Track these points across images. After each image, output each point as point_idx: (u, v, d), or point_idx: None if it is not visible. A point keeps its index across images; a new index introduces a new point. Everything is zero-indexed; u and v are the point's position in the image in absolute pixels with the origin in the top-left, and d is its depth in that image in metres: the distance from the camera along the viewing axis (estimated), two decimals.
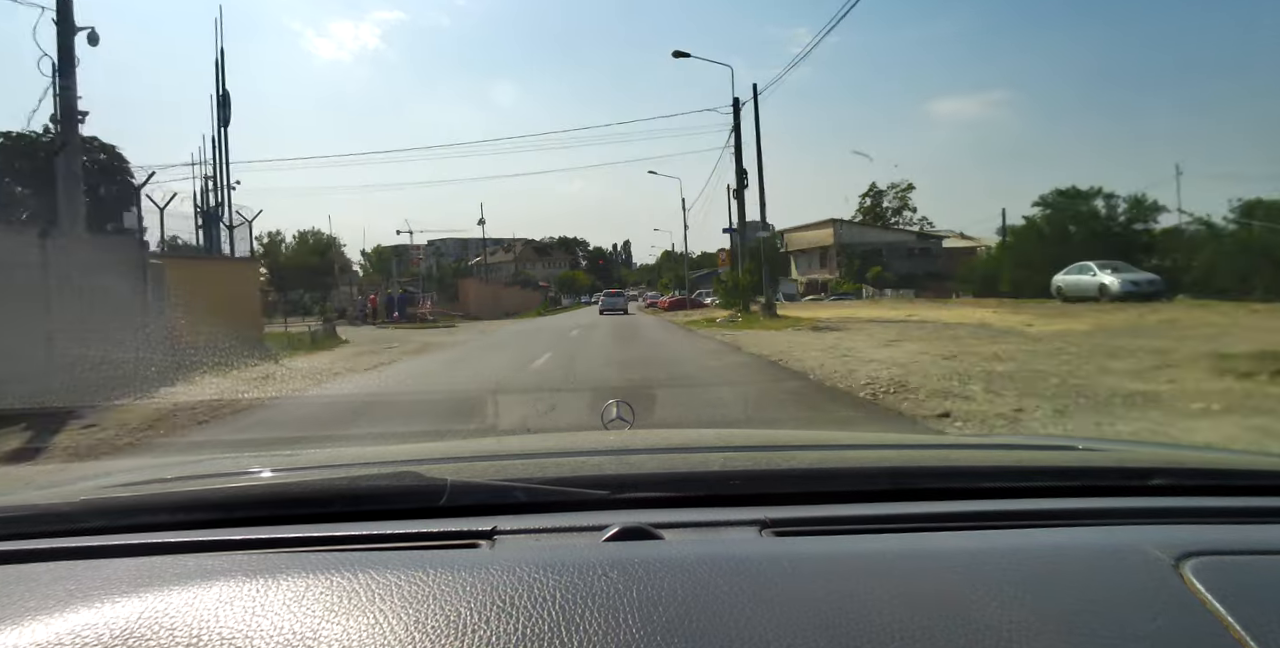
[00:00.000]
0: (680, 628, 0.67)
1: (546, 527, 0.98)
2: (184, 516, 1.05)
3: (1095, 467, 1.35)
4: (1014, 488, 1.16)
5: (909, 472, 1.31)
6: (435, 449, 1.94)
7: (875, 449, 1.67)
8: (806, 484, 1.19)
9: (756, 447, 1.65)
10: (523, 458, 1.53)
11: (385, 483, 1.13)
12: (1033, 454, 1.57)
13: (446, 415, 7.11)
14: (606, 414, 2.09)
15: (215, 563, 0.83)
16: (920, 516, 1.01)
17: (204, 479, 1.33)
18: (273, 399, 9.16)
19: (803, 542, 0.93)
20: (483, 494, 1.09)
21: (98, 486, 1.31)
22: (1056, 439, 2.88)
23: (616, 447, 1.56)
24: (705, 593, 0.72)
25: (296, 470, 1.47)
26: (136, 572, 0.82)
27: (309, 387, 10.68)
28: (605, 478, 1.18)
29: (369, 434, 6.38)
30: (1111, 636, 0.67)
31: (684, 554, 0.85)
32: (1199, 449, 1.86)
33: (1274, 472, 1.29)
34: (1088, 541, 0.92)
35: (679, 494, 1.13)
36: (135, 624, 0.69)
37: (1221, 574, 0.77)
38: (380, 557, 0.84)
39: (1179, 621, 0.70)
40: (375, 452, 1.89)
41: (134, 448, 6.41)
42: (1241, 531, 0.98)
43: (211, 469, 1.47)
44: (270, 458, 1.80)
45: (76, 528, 1.02)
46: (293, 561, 0.85)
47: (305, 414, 8.41)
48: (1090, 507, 1.06)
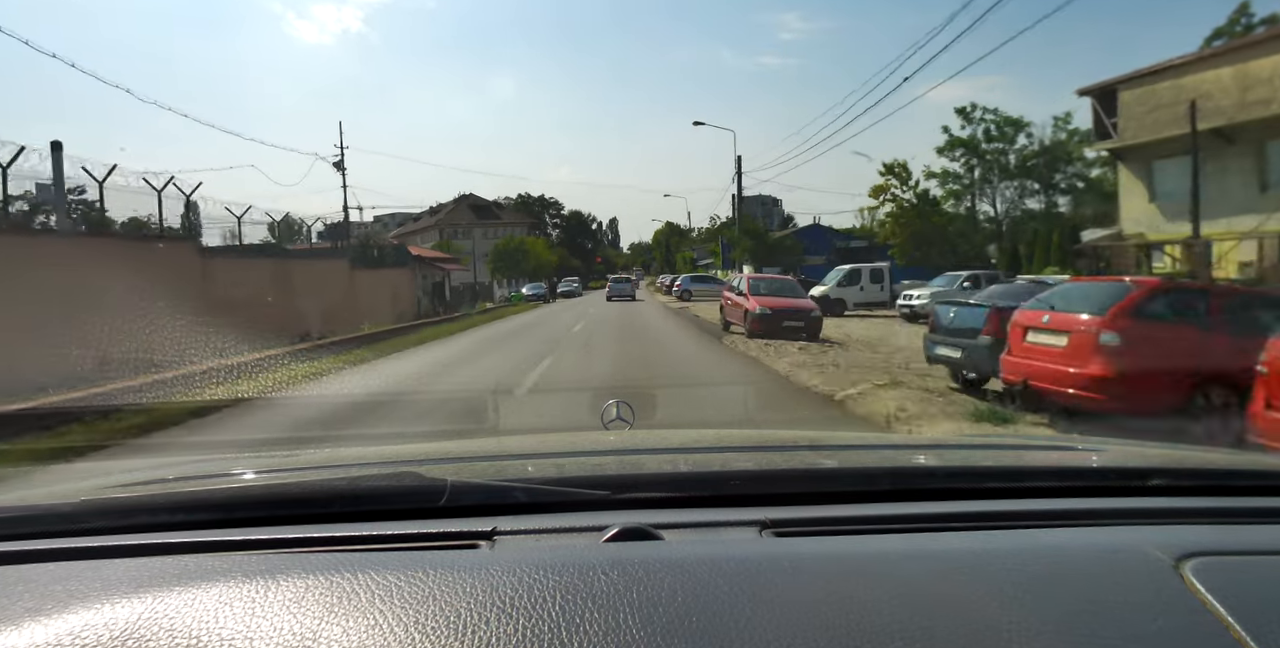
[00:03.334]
0: (680, 629, 0.67)
1: (546, 527, 0.98)
2: (184, 516, 1.05)
3: (1095, 467, 1.35)
4: (1014, 488, 1.16)
5: (909, 472, 1.31)
6: (435, 449, 1.94)
7: (875, 449, 1.67)
8: (806, 485, 1.19)
9: (756, 447, 1.65)
10: (523, 458, 1.53)
11: (385, 483, 1.13)
12: (1033, 455, 1.57)
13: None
14: (606, 414, 2.08)
15: (215, 564, 0.83)
16: (920, 516, 1.01)
17: (204, 480, 1.33)
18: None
19: (803, 542, 0.93)
20: (483, 494, 1.08)
21: (98, 486, 1.31)
22: (1057, 439, 2.89)
23: (616, 447, 1.56)
24: (705, 594, 0.72)
25: (296, 471, 1.47)
26: (136, 572, 0.81)
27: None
28: (605, 478, 1.18)
29: None
30: (1112, 636, 0.67)
31: (684, 555, 0.84)
32: (1199, 449, 1.86)
33: (1274, 472, 1.29)
34: (1088, 541, 0.92)
35: (679, 495, 1.13)
36: (135, 625, 0.69)
37: (1221, 575, 0.77)
38: (380, 557, 0.84)
39: (1179, 621, 0.70)
40: (375, 452, 1.89)
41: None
42: (1241, 531, 0.98)
43: (211, 470, 1.47)
44: (270, 458, 1.81)
45: (76, 528, 1.01)
46: (293, 561, 0.84)
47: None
48: (1091, 507, 1.06)
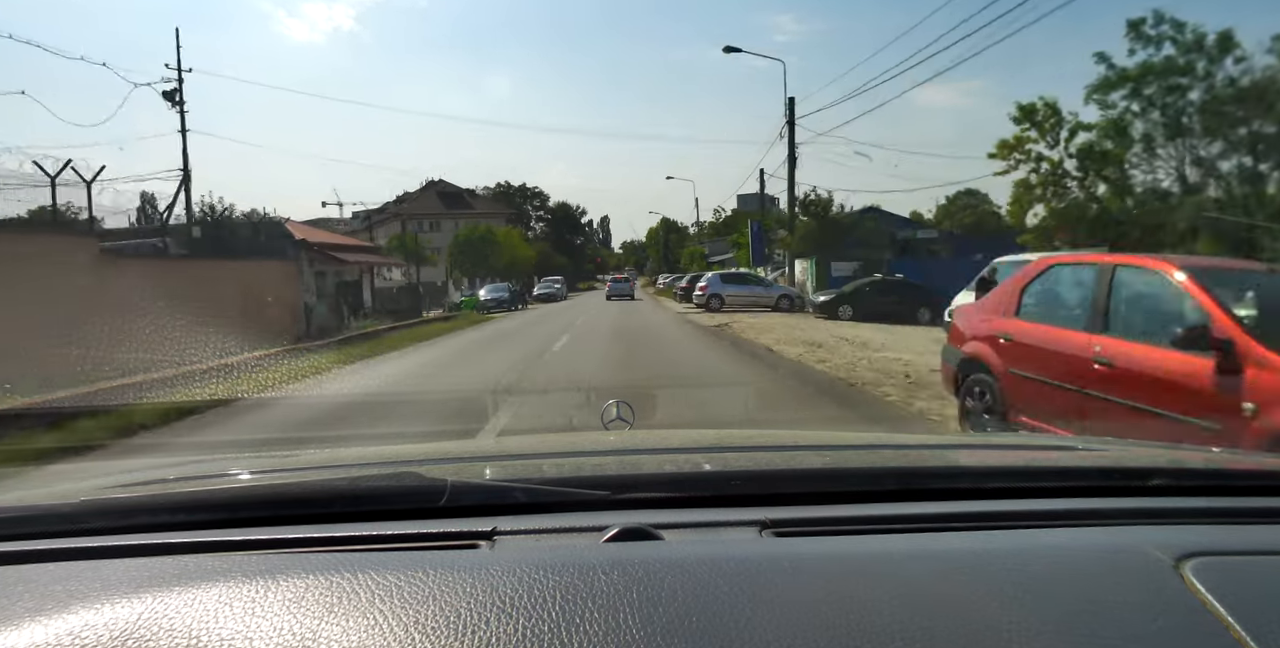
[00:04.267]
0: (680, 629, 0.67)
1: (546, 527, 0.98)
2: (184, 516, 1.05)
3: (1096, 467, 1.35)
4: (1014, 488, 1.16)
5: (910, 472, 1.31)
6: (435, 449, 1.94)
7: (874, 449, 1.67)
8: (806, 485, 1.19)
9: (756, 447, 1.65)
10: (523, 458, 1.53)
11: (385, 483, 1.13)
12: (1033, 455, 1.57)
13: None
14: (606, 414, 2.08)
15: (215, 564, 0.83)
16: (920, 516, 1.01)
17: (204, 480, 1.33)
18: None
19: (803, 542, 0.93)
20: (483, 495, 1.08)
21: (98, 486, 1.31)
22: (1057, 440, 2.88)
23: (616, 447, 1.56)
24: (705, 594, 0.72)
25: (296, 471, 1.47)
26: (136, 573, 0.81)
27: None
28: (605, 478, 1.18)
29: None
30: (1112, 636, 0.67)
31: (684, 555, 0.84)
32: (1199, 449, 1.86)
33: (1274, 472, 1.29)
34: (1089, 541, 0.92)
35: (679, 495, 1.13)
36: (135, 625, 0.69)
37: (1222, 575, 0.77)
38: (380, 557, 0.84)
39: (1179, 621, 0.70)
40: (375, 452, 1.89)
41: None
42: (1241, 531, 0.98)
43: (211, 470, 1.47)
44: (270, 458, 1.81)
45: (76, 529, 1.01)
46: (293, 561, 0.84)
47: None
48: (1091, 507, 1.06)
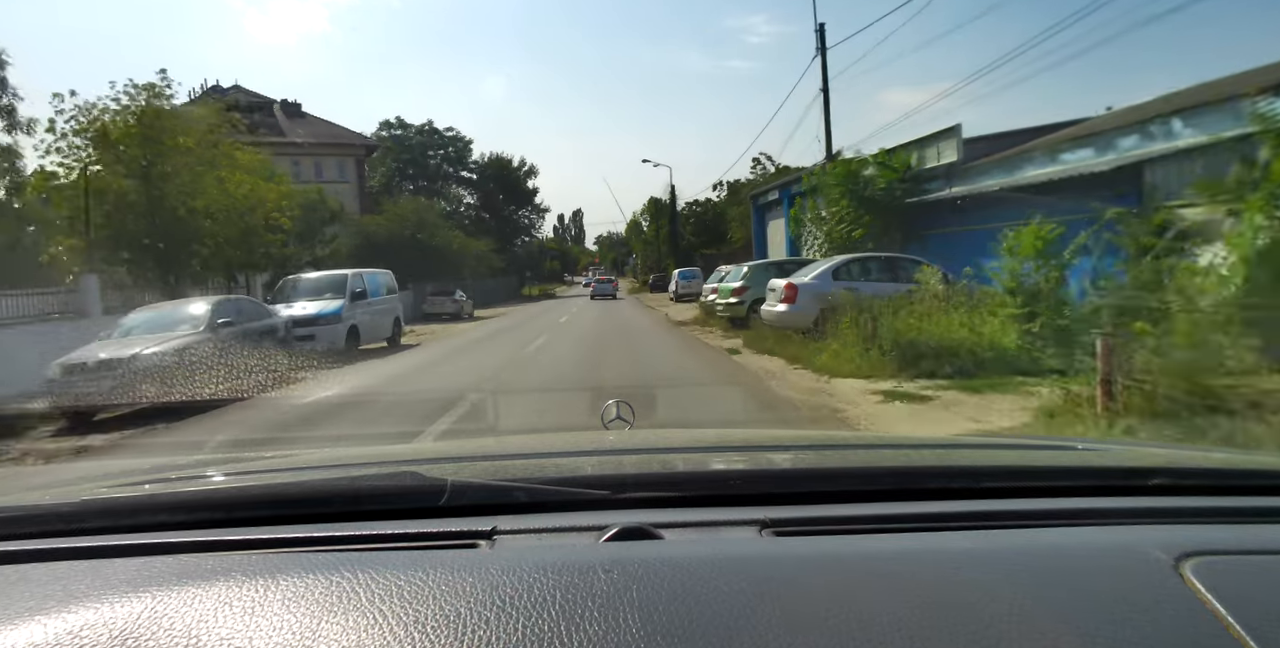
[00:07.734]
0: (680, 628, 0.67)
1: (546, 527, 0.98)
2: (184, 516, 1.05)
3: (1096, 467, 1.35)
4: (1014, 488, 1.16)
5: (909, 472, 1.31)
6: (435, 449, 1.94)
7: (874, 449, 1.67)
8: (806, 484, 1.19)
9: (756, 447, 1.65)
10: (522, 458, 1.53)
11: (385, 483, 1.13)
12: (1033, 454, 1.57)
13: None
14: (606, 414, 2.08)
15: (215, 563, 0.83)
16: (920, 515, 1.01)
17: (204, 480, 1.33)
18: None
19: (802, 542, 0.93)
20: (483, 494, 1.08)
21: (97, 486, 1.31)
22: (1057, 439, 2.88)
23: (616, 447, 1.56)
24: (705, 593, 0.72)
25: (296, 471, 1.47)
26: (136, 572, 0.81)
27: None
28: (605, 478, 1.18)
29: None
30: (1112, 636, 0.67)
31: (684, 554, 0.84)
32: (1199, 449, 1.86)
33: (1274, 472, 1.29)
34: (1089, 541, 0.92)
35: (679, 494, 1.13)
36: (134, 625, 0.69)
37: (1222, 574, 0.77)
38: (380, 557, 0.84)
39: (1179, 620, 0.70)
40: (375, 452, 1.89)
41: None
42: (1241, 531, 0.98)
43: (211, 470, 1.47)
44: (270, 458, 1.81)
45: (76, 528, 1.01)
46: (292, 561, 0.84)
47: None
48: (1091, 507, 1.05)
